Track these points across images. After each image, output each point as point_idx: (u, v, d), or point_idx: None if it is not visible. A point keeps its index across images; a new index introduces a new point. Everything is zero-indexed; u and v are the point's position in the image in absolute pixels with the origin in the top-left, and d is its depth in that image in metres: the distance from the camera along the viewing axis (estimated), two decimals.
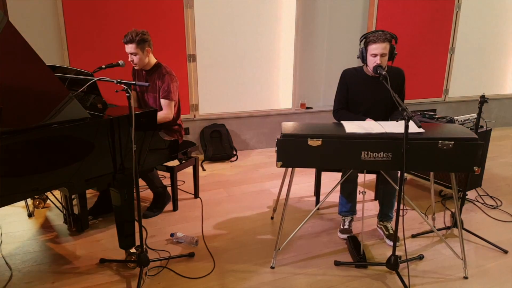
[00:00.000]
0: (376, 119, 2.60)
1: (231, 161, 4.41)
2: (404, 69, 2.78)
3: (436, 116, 3.31)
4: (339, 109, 2.81)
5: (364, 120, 2.58)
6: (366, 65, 2.62)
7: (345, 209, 2.84)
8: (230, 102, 4.65)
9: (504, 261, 2.49)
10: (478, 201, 3.36)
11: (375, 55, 2.49)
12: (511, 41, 5.84)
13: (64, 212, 2.81)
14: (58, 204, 3.02)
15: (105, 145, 2.13)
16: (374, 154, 2.15)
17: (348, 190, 2.79)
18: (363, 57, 2.59)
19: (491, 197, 3.45)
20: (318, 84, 5.06)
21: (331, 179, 3.65)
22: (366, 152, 2.16)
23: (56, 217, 2.98)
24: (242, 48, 4.51)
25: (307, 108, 5.01)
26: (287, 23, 4.61)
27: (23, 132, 1.81)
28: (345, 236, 2.74)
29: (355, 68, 2.76)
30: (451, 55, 5.47)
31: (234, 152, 4.55)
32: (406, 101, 5.24)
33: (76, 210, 2.76)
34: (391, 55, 2.54)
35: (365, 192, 2.42)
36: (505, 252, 2.59)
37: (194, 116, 4.50)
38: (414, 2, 5.03)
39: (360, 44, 2.64)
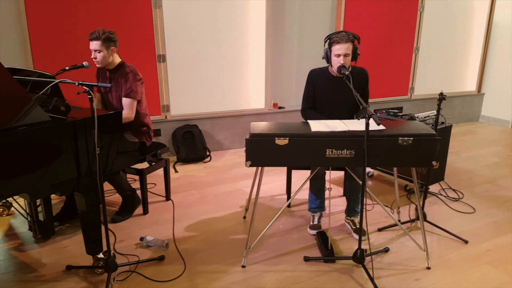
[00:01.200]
0: (341, 118, 2.66)
1: (204, 162, 4.40)
2: (372, 69, 2.86)
3: (400, 114, 3.41)
4: (306, 109, 2.87)
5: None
6: (331, 65, 2.68)
7: (314, 205, 2.89)
8: (202, 102, 4.64)
9: (465, 251, 2.60)
10: (441, 194, 3.49)
11: (339, 55, 2.55)
12: (472, 40, 6.09)
13: (29, 219, 2.73)
14: (23, 211, 2.94)
15: (70, 148, 2.09)
16: (338, 151, 2.21)
17: (317, 187, 2.84)
18: (327, 57, 2.65)
19: (453, 190, 3.59)
20: (290, 84, 5.12)
21: (303, 177, 3.70)
22: (330, 150, 2.21)
23: (21, 224, 2.90)
24: (214, 48, 4.51)
25: (280, 107, 5.06)
26: (257, 23, 4.64)
27: None
28: (314, 232, 2.79)
29: (321, 69, 2.82)
30: (416, 54, 5.65)
31: (208, 153, 4.55)
32: (374, 100, 5.46)
33: (41, 216, 2.69)
34: (354, 55, 2.61)
35: (331, 188, 2.48)
36: (466, 242, 2.70)
37: (166, 117, 4.46)
38: (380, 3, 5.17)
39: (324, 45, 2.69)
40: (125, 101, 2.86)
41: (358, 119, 2.32)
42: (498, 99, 6.17)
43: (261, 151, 2.24)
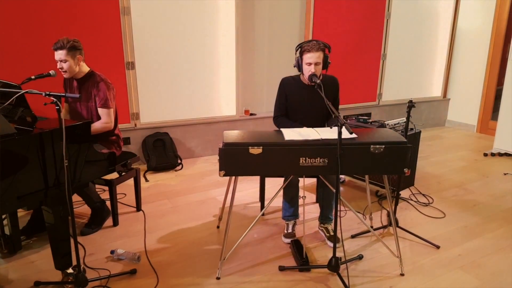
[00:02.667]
0: (313, 125, 2.69)
1: (176, 170, 4.33)
2: (340, 75, 2.90)
3: (370, 120, 3.47)
4: (279, 116, 2.89)
5: (301, 127, 2.66)
6: (302, 73, 2.70)
7: (288, 213, 2.89)
8: (173, 109, 4.57)
9: (437, 256, 2.66)
10: (411, 199, 3.57)
11: (310, 64, 2.58)
12: (438, 46, 6.31)
13: None
14: None
15: (37, 160, 2.01)
16: (312, 160, 2.22)
17: (290, 195, 2.84)
18: (299, 66, 2.67)
19: (423, 195, 3.68)
20: (261, 91, 5.13)
21: (276, 184, 3.70)
22: (304, 158, 2.22)
23: None
24: (184, 55, 4.47)
25: (251, 114, 5.06)
26: (227, 29, 4.63)
27: None
28: (289, 240, 2.79)
29: (293, 77, 2.84)
30: (383, 61, 5.79)
31: (179, 161, 4.48)
32: (344, 106, 5.56)
33: (7, 230, 2.57)
34: (325, 63, 2.64)
35: (305, 197, 2.48)
36: (437, 247, 2.76)
37: (135, 125, 4.37)
38: (348, 11, 5.27)
39: (296, 53, 2.72)
40: (102, 111, 2.81)
41: (331, 128, 2.35)
42: (463, 104, 6.40)
43: (235, 161, 2.23)
